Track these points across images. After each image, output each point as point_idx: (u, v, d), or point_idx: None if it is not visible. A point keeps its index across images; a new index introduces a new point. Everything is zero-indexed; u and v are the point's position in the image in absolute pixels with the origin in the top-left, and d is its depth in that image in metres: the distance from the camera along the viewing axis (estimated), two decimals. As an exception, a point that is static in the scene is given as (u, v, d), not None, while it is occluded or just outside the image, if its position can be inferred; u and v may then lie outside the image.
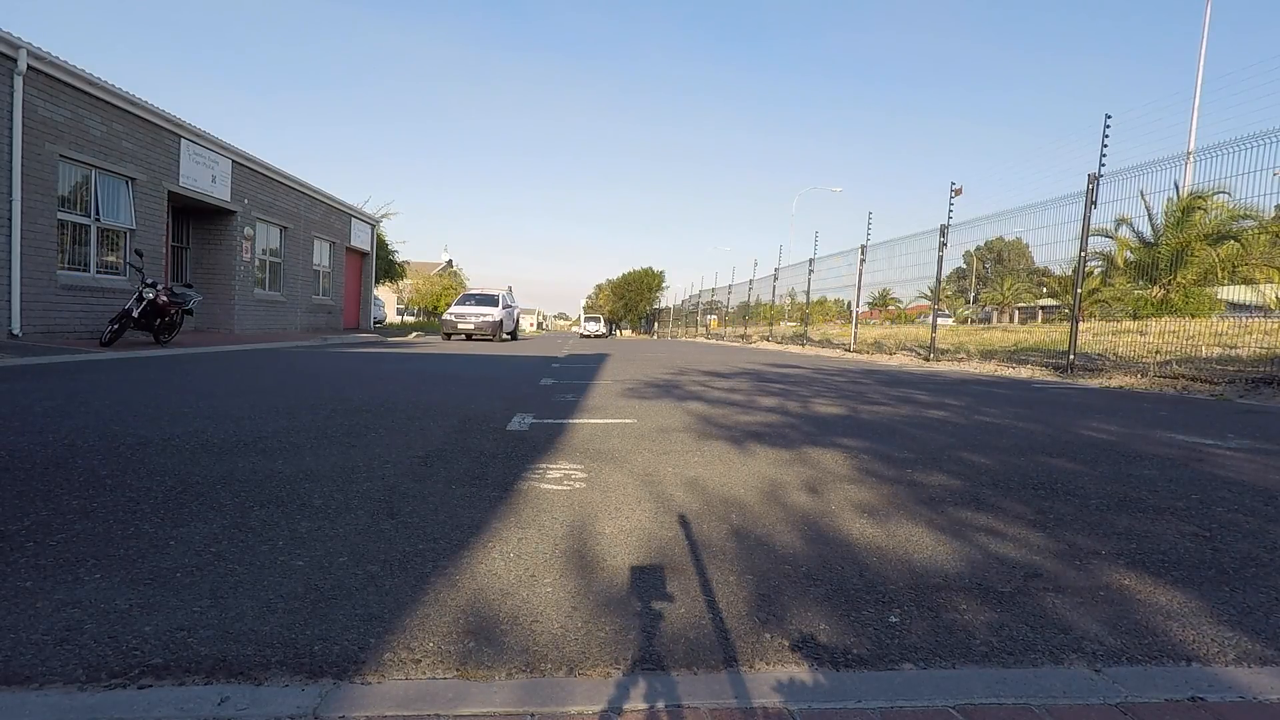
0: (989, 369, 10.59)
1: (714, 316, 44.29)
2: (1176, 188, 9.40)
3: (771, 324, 24.45)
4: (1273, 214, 10.60)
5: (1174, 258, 11.50)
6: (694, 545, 1.85)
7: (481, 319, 19.80)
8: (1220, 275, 11.87)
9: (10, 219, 9.72)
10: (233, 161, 15.53)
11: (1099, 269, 15.32)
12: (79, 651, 1.19)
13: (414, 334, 26.30)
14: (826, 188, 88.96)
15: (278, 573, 1.56)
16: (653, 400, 5.30)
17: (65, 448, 2.80)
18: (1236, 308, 12.96)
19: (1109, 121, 9.30)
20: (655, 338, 48.27)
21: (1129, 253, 14.35)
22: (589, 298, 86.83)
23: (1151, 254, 12.90)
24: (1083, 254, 9.50)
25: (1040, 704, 1.11)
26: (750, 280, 27.40)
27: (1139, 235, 14.10)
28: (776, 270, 23.66)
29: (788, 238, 58.30)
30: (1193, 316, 11.07)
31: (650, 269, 70.39)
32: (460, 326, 19.76)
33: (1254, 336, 8.12)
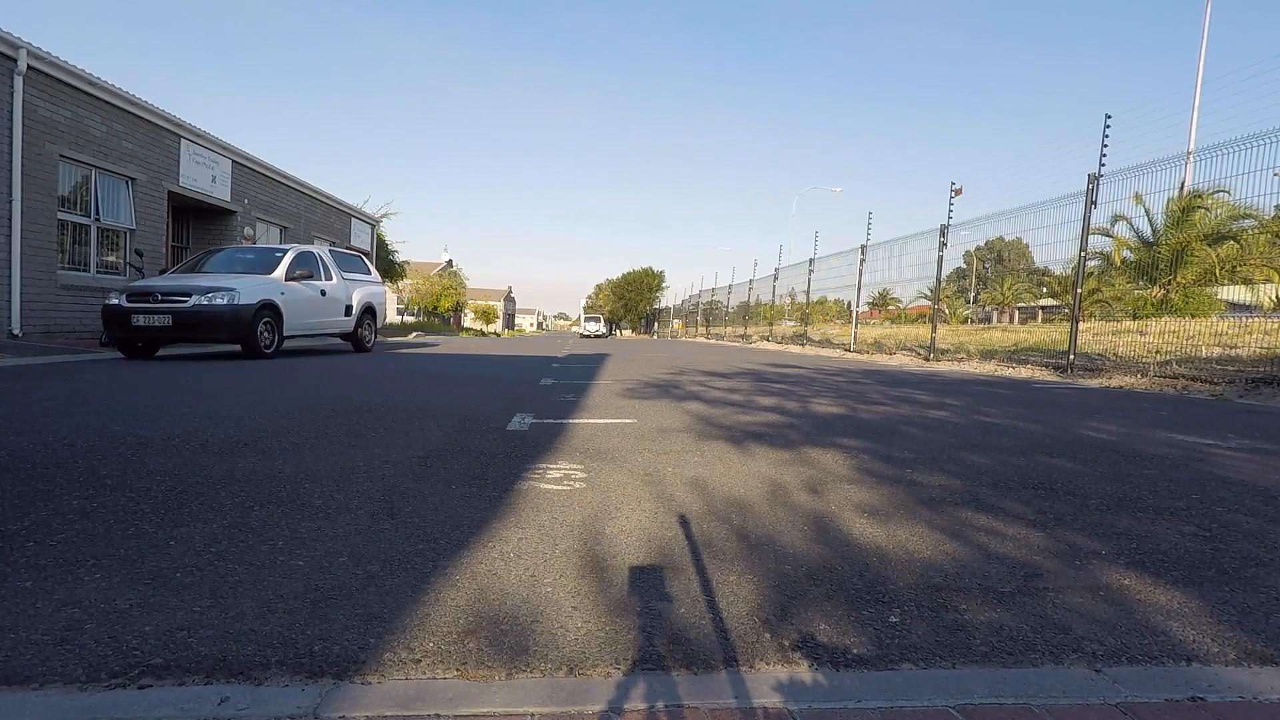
0: (989, 369, 10.59)
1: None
2: (1181, 187, 9.40)
3: (771, 324, 24.45)
4: (1272, 214, 10.60)
5: (1174, 258, 11.50)
6: (694, 545, 1.85)
7: (201, 304, 8.40)
8: (1220, 275, 11.87)
9: (10, 219, 9.72)
10: (233, 161, 15.53)
11: (1099, 269, 15.32)
12: (79, 651, 1.19)
13: (414, 334, 26.32)
14: (826, 188, 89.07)
15: (278, 573, 1.56)
16: (652, 400, 5.30)
17: (65, 448, 2.80)
18: (1236, 308, 12.96)
19: (1109, 121, 9.30)
20: (655, 338, 48.29)
21: (1129, 252, 14.35)
22: (589, 298, 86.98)
23: (1151, 254, 12.90)
24: (1083, 254, 9.50)
25: (1040, 704, 1.11)
26: (750, 280, 27.41)
27: (1139, 235, 14.11)
28: (776, 270, 23.66)
29: (788, 238, 58.38)
30: (1193, 316, 11.07)
31: (650, 269, 70.60)
32: (141, 322, 8.28)
33: (1254, 336, 8.13)
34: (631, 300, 69.42)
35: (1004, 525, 2.10)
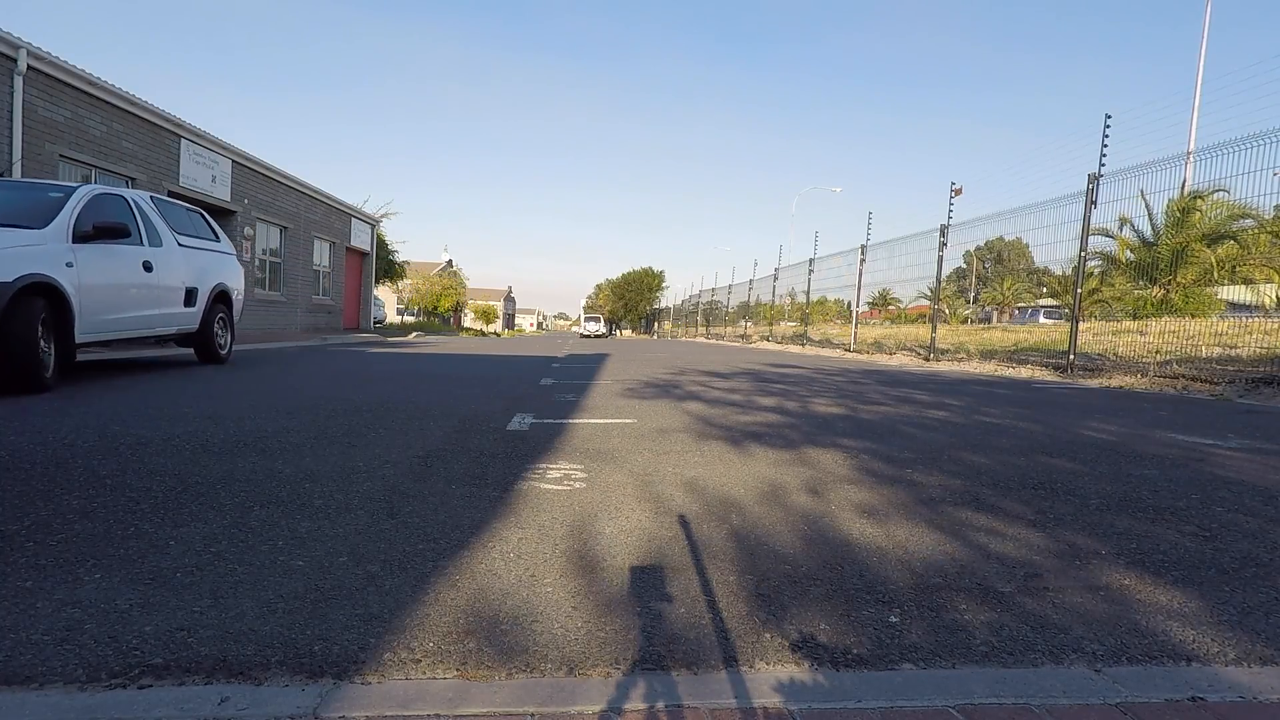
0: (989, 369, 10.59)
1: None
2: (1182, 187, 9.42)
3: (771, 324, 24.45)
4: (1272, 214, 10.60)
5: (1174, 258, 11.51)
6: (694, 545, 1.85)
7: None
8: (1219, 275, 11.88)
9: (10, 219, 9.70)
10: (233, 161, 15.53)
11: (1099, 269, 15.33)
12: (79, 651, 1.19)
13: (414, 334, 26.32)
14: (826, 188, 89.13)
15: (278, 573, 1.56)
16: (652, 400, 5.30)
17: (65, 448, 2.80)
18: (1236, 308, 12.96)
19: (1109, 121, 9.31)
20: (655, 338, 48.30)
21: (1129, 252, 14.35)
22: (589, 298, 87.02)
23: (1151, 254, 12.91)
24: (1083, 254, 9.51)
25: (1040, 704, 1.11)
26: (750, 280, 27.42)
27: (1139, 235, 14.12)
28: (776, 270, 23.67)
29: (788, 238, 58.35)
30: (1193, 316, 11.07)
31: (650, 269, 70.58)
32: None
33: (1254, 336, 8.13)
34: (631, 300, 69.43)
35: (1004, 525, 2.10)
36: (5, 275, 4.39)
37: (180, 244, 6.88)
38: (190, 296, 6.97)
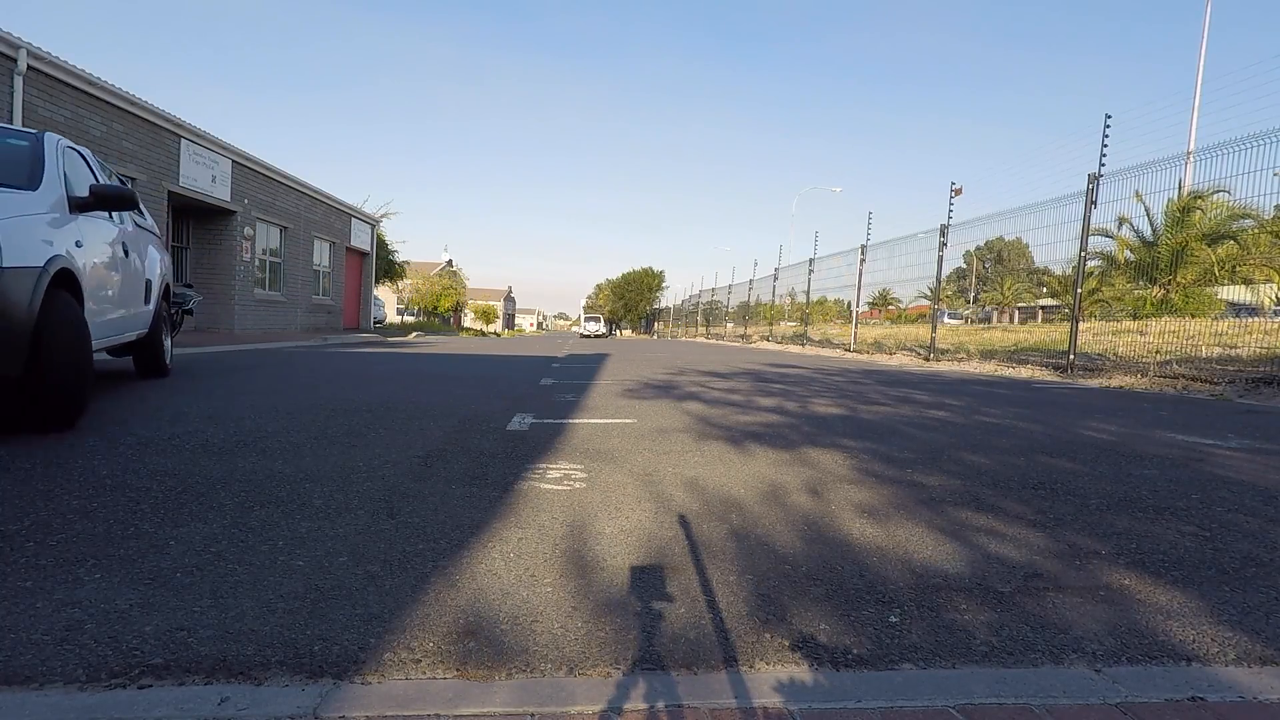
0: (989, 369, 10.59)
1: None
2: (1180, 187, 9.43)
3: (771, 324, 24.46)
4: (1272, 214, 10.61)
5: (1174, 258, 11.51)
6: (694, 545, 1.85)
7: None
8: (1219, 275, 11.88)
9: (10, 219, 9.68)
10: (233, 161, 15.54)
11: (1099, 269, 15.34)
12: (79, 651, 1.19)
13: (414, 334, 26.32)
14: (826, 188, 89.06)
15: (278, 573, 1.56)
16: (652, 400, 5.30)
17: (66, 448, 2.80)
18: (1236, 308, 12.97)
19: (1109, 121, 9.31)
20: (655, 338, 48.30)
21: (1129, 252, 14.36)
22: (589, 298, 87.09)
23: (1151, 254, 12.91)
24: (1083, 254, 9.51)
25: (1040, 704, 1.11)
26: (750, 280, 27.43)
27: (1139, 235, 14.12)
28: (776, 270, 23.68)
29: (788, 238, 58.33)
30: (1193, 316, 11.07)
31: (650, 269, 70.67)
32: None
33: (1254, 336, 8.13)
34: (631, 300, 69.49)
35: (1004, 525, 2.10)
36: (31, 257, 2.92)
37: (137, 223, 5.33)
38: (147, 290, 5.32)
